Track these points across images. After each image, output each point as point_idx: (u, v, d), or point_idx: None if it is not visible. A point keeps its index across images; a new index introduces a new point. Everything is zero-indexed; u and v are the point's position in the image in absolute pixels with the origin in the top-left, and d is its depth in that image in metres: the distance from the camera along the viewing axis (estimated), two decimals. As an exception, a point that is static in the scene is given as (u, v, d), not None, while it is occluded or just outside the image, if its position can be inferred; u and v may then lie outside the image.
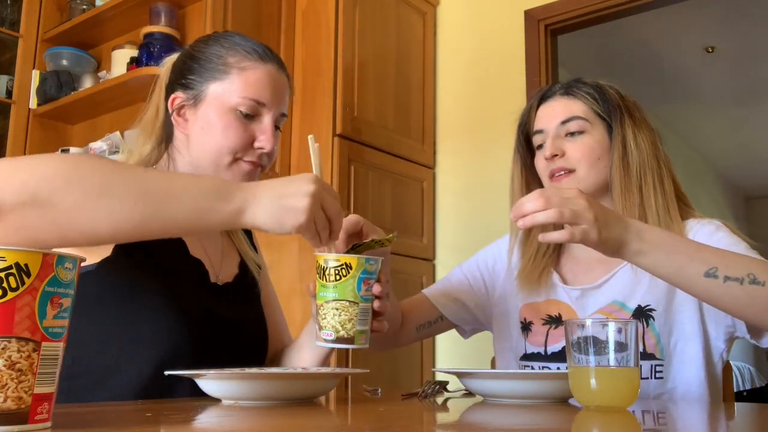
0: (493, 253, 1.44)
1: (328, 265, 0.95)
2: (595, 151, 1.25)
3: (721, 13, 4.21)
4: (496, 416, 0.81)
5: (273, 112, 1.12)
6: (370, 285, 0.97)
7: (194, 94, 1.12)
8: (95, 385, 1.01)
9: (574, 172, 1.25)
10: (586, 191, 1.20)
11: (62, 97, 2.77)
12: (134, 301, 1.03)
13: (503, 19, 2.86)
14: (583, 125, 1.27)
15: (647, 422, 0.78)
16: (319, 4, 2.62)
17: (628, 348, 0.80)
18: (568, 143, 1.27)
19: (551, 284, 1.31)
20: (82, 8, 2.85)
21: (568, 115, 1.27)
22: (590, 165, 1.25)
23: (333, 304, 0.95)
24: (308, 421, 0.72)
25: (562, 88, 1.32)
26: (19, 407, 0.54)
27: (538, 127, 1.31)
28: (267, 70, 1.12)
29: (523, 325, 1.32)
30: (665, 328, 1.19)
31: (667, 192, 1.25)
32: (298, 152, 2.58)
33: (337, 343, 0.96)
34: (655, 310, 1.20)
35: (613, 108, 1.27)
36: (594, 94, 1.29)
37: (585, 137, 1.26)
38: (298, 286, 2.27)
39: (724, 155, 7.11)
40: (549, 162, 1.27)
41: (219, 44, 1.14)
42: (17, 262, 0.53)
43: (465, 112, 2.92)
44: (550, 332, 1.28)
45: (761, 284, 0.96)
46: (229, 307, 1.14)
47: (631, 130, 1.26)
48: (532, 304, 1.32)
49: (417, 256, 2.77)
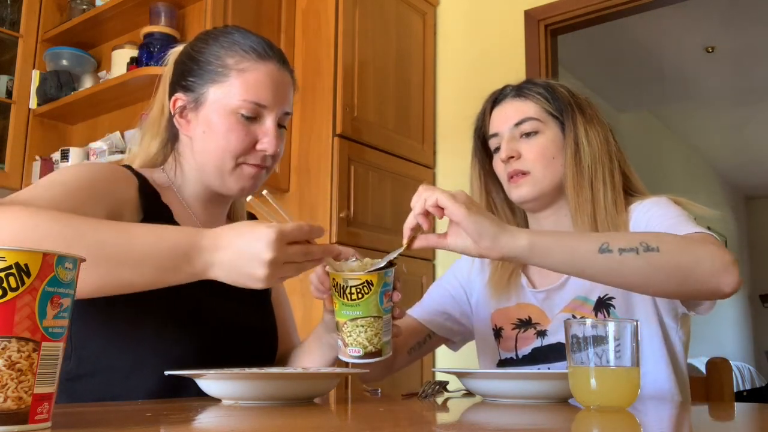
0: (467, 262, 1.43)
1: (348, 284, 0.94)
2: (549, 151, 1.26)
3: (721, 13, 4.21)
4: (496, 416, 0.81)
5: (275, 113, 1.10)
6: (390, 296, 0.97)
7: (195, 96, 1.11)
8: (101, 387, 1.00)
9: (530, 174, 1.26)
10: (543, 191, 1.27)
11: (62, 97, 2.77)
12: (141, 301, 1.00)
13: (503, 19, 2.86)
14: (537, 125, 1.27)
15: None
16: (319, 4, 2.62)
17: (628, 348, 0.80)
18: (523, 144, 1.27)
19: (520, 288, 1.32)
20: (82, 8, 2.85)
21: (520, 117, 1.28)
22: (545, 165, 1.26)
23: (358, 322, 0.94)
24: (308, 421, 0.72)
25: (513, 90, 1.33)
26: (19, 407, 0.54)
27: (493, 130, 1.32)
28: (267, 69, 1.10)
29: (495, 332, 1.33)
30: (626, 314, 1.20)
31: (617, 185, 1.26)
32: (298, 152, 2.58)
33: (366, 358, 0.96)
34: (614, 298, 1.21)
35: (565, 106, 1.28)
36: (545, 93, 1.30)
37: (539, 138, 1.27)
38: (299, 286, 2.27)
39: (724, 155, 7.11)
40: (505, 164, 1.28)
41: (218, 44, 1.12)
42: (17, 262, 0.53)
43: (465, 112, 2.90)
44: (518, 336, 1.28)
45: (655, 250, 0.97)
46: (237, 309, 1.13)
47: (582, 127, 1.26)
48: (503, 310, 1.32)
49: (417, 256, 2.77)
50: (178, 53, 1.18)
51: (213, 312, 1.10)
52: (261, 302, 1.21)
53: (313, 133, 2.55)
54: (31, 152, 2.81)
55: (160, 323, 1.03)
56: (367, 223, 2.56)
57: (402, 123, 2.81)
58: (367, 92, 2.64)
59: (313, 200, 2.50)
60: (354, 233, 2.49)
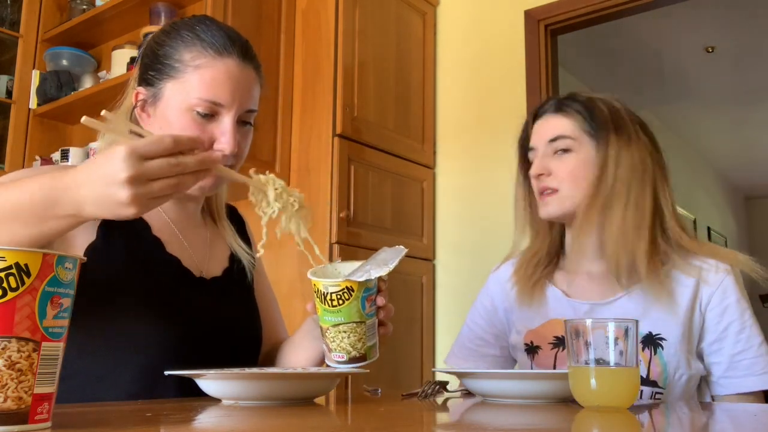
0: (487, 293, 1.43)
1: (328, 291, 0.93)
2: (578, 170, 1.25)
3: (721, 13, 4.21)
4: (496, 416, 0.81)
5: (233, 111, 1.05)
6: (373, 300, 0.96)
7: (154, 91, 1.07)
8: (77, 390, 0.99)
9: (558, 191, 1.26)
10: (568, 210, 1.26)
11: (62, 97, 2.77)
12: (114, 301, 1.01)
13: (503, 19, 2.86)
14: (570, 144, 1.26)
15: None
16: (319, 4, 2.62)
17: (628, 348, 0.80)
18: (555, 162, 1.27)
19: (549, 300, 1.30)
20: (82, 8, 2.85)
21: (555, 134, 1.28)
22: (574, 184, 1.25)
23: (341, 327, 0.94)
24: (308, 421, 0.72)
25: (554, 104, 1.32)
26: (19, 407, 0.54)
27: (531, 144, 1.32)
28: (225, 66, 1.04)
29: (529, 348, 1.31)
30: (674, 359, 1.19)
31: (644, 210, 1.23)
32: (298, 152, 2.58)
33: (350, 363, 0.95)
34: (665, 340, 1.20)
35: (601, 125, 1.26)
36: (583, 111, 1.28)
37: (570, 156, 1.26)
38: (299, 286, 2.27)
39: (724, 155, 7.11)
40: (536, 180, 1.28)
41: (179, 37, 1.06)
42: (17, 262, 0.53)
43: (465, 112, 2.92)
44: (558, 355, 1.26)
45: None
46: (217, 303, 1.11)
47: (615, 148, 1.24)
48: (536, 330, 1.30)
49: (417, 256, 2.77)
50: (146, 43, 1.13)
51: (191, 308, 1.07)
52: (241, 292, 1.20)
53: (313, 133, 2.55)
54: (31, 152, 2.81)
55: (136, 323, 1.01)
56: (367, 223, 2.56)
57: (402, 123, 2.81)
58: (367, 92, 2.64)
59: (313, 200, 2.50)
60: (354, 233, 2.49)
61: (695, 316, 1.22)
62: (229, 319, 1.12)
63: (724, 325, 1.20)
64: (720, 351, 1.21)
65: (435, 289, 2.84)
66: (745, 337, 1.20)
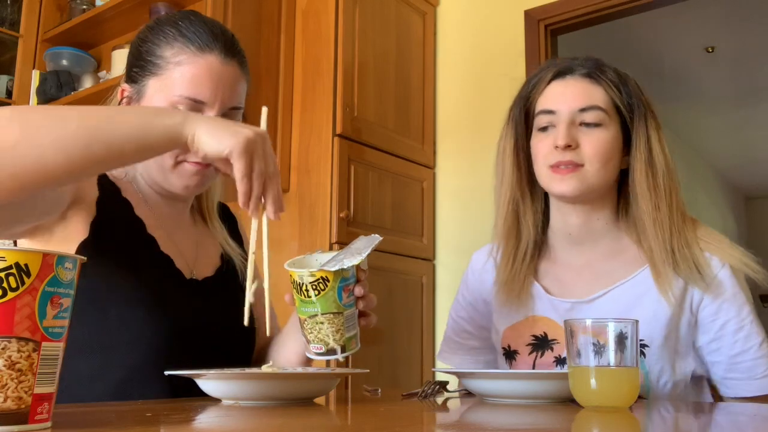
0: (466, 285, 1.36)
1: (304, 281, 0.92)
2: (608, 149, 1.12)
3: (721, 13, 4.21)
4: (496, 416, 0.81)
5: (216, 109, 1.03)
6: (351, 290, 0.95)
7: (137, 88, 1.06)
8: (65, 392, 0.99)
9: (582, 167, 1.11)
10: (588, 190, 1.11)
11: (62, 97, 2.77)
12: (104, 300, 1.00)
13: (503, 19, 2.86)
14: (602, 117, 1.12)
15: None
16: (319, 4, 2.62)
17: (628, 348, 0.80)
18: (583, 135, 1.12)
19: (532, 297, 1.21)
20: (82, 8, 2.85)
21: (588, 103, 1.12)
22: (602, 164, 1.11)
23: (317, 319, 0.93)
24: (308, 421, 0.72)
25: (584, 67, 1.17)
26: (19, 407, 0.54)
27: (549, 106, 1.15)
28: (206, 63, 1.03)
29: (507, 352, 1.23)
30: (656, 366, 1.11)
31: (685, 210, 1.14)
32: (297, 152, 2.58)
33: (328, 354, 0.94)
34: (648, 347, 1.11)
35: (636, 102, 1.14)
36: (618, 82, 1.15)
37: (601, 131, 1.12)
38: (298, 286, 2.27)
39: (724, 155, 7.11)
40: (557, 151, 1.12)
41: (162, 34, 1.05)
42: (17, 262, 0.53)
43: (465, 112, 2.92)
44: (537, 362, 1.18)
45: None
46: (208, 303, 1.10)
47: (655, 131, 1.13)
48: (515, 326, 1.22)
49: (417, 256, 2.77)
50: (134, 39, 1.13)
51: (181, 308, 1.06)
52: (234, 292, 1.17)
53: (313, 133, 2.55)
54: (31, 152, 2.81)
55: (126, 322, 1.00)
56: (367, 223, 2.56)
57: (402, 123, 2.81)
58: (367, 92, 2.64)
59: (312, 200, 2.50)
60: (354, 233, 2.48)
61: (683, 316, 1.13)
62: (219, 319, 1.11)
63: (720, 324, 1.11)
64: (718, 351, 1.12)
65: (435, 289, 2.84)
66: (744, 336, 1.11)
